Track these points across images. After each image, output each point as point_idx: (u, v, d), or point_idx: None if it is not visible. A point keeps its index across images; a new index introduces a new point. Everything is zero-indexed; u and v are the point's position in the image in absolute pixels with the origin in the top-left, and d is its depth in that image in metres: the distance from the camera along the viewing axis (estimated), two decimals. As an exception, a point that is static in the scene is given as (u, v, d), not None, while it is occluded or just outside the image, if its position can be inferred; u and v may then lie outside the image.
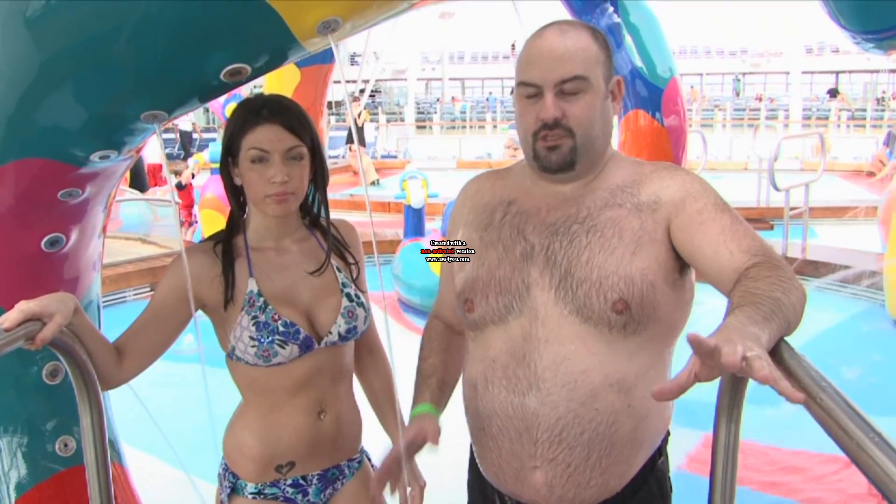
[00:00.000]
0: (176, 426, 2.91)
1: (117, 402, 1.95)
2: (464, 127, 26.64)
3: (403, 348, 1.70)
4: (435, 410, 1.44)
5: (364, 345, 1.68)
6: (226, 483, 1.57)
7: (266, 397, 1.52)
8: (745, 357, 0.90)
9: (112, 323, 1.82)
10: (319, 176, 1.55)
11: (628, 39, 4.37)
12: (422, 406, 1.44)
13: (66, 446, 1.79)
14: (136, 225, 8.05)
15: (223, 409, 1.64)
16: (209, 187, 7.03)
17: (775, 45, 31.23)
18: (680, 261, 1.31)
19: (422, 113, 30.04)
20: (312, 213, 1.61)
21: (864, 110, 25.43)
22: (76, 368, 1.33)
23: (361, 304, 1.57)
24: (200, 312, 1.52)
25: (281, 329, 1.46)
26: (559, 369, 1.28)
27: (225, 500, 1.57)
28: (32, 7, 1.31)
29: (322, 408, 1.55)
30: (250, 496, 1.54)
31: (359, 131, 13.73)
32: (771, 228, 8.58)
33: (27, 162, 1.52)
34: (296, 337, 1.47)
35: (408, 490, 1.47)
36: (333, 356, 1.54)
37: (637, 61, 4.37)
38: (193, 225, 8.48)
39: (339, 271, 1.57)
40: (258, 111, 1.46)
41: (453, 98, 33.69)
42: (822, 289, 6.05)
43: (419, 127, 26.84)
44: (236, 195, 1.54)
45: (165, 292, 1.48)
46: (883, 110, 25.74)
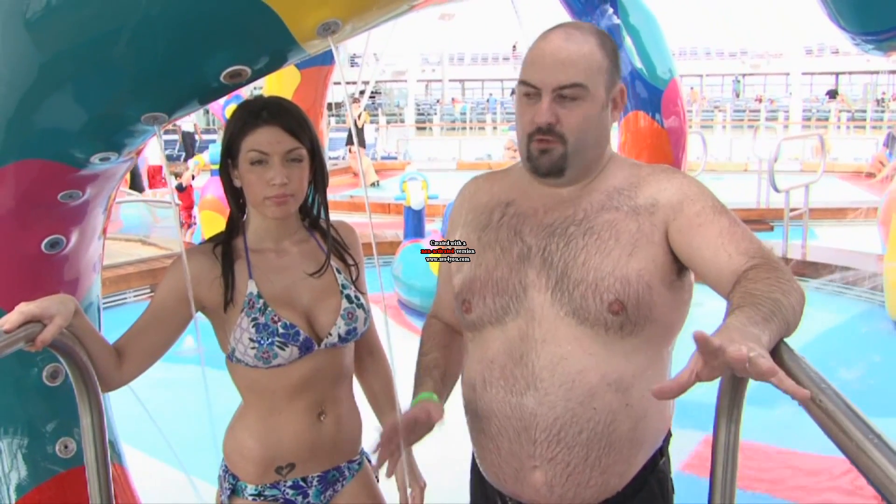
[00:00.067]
0: (176, 427, 2.92)
1: (117, 404, 1.95)
2: (464, 128, 26.62)
3: (403, 349, 1.69)
4: (437, 398, 1.39)
5: (364, 346, 1.68)
6: (226, 484, 1.57)
7: (266, 399, 1.52)
8: (748, 357, 0.91)
9: (112, 324, 1.82)
10: (319, 178, 1.55)
11: (628, 41, 4.37)
12: (424, 394, 1.40)
13: (67, 448, 1.79)
14: (137, 226, 8.06)
15: (223, 411, 1.64)
16: (209, 189, 7.03)
17: (775, 47, 31.26)
18: (678, 263, 1.31)
19: (422, 114, 30.03)
20: (312, 215, 1.61)
21: (864, 111, 25.44)
22: (76, 370, 1.33)
23: (361, 306, 1.57)
24: (200, 314, 1.52)
25: (281, 331, 1.46)
26: (556, 369, 1.28)
27: (225, 502, 1.57)
28: (32, 8, 1.31)
29: (322, 409, 1.55)
30: (250, 498, 1.54)
31: (359, 133, 13.74)
32: (771, 229, 8.58)
33: (27, 163, 1.52)
34: (296, 338, 1.47)
35: (408, 491, 1.47)
36: (333, 358, 1.54)
37: (637, 62, 4.37)
38: (192, 226, 8.49)
39: (339, 273, 1.57)
40: (258, 113, 1.46)
41: (453, 99, 33.68)
42: (822, 290, 6.05)
43: (419, 128, 26.84)
44: (236, 197, 1.54)
45: (165, 294, 1.48)
46: (883, 111, 25.74)
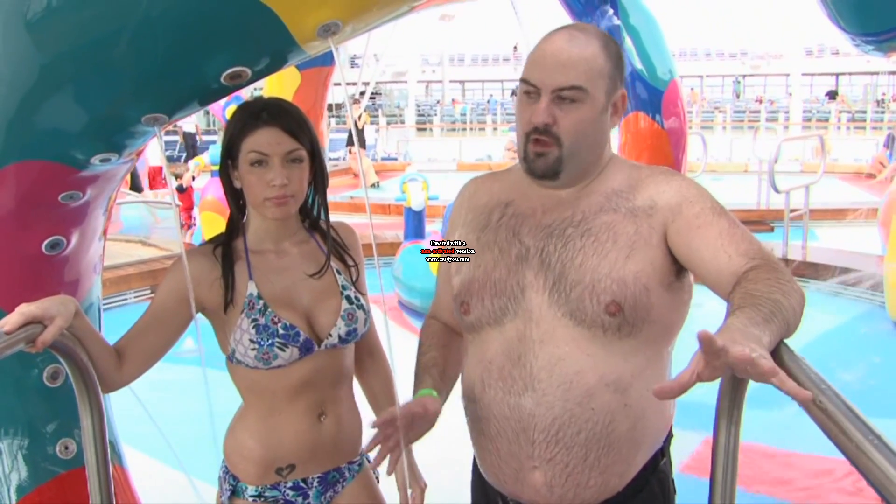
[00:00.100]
0: (176, 428, 2.92)
1: (118, 405, 1.95)
2: (464, 129, 26.64)
3: (404, 350, 1.69)
4: (436, 395, 1.39)
5: (364, 347, 1.68)
6: (226, 485, 1.57)
7: (266, 400, 1.52)
8: (751, 357, 0.91)
9: (113, 325, 1.82)
10: (319, 179, 1.55)
11: (628, 42, 4.37)
12: (423, 391, 1.39)
13: (67, 449, 1.79)
14: (137, 227, 8.06)
15: (223, 412, 1.64)
16: (209, 189, 7.04)
17: (775, 47, 31.27)
18: (676, 264, 1.31)
19: (422, 115, 30.05)
20: (312, 216, 1.61)
21: (864, 112, 25.45)
22: (77, 371, 1.33)
23: (361, 307, 1.57)
24: (200, 315, 1.52)
25: (281, 332, 1.46)
26: (554, 370, 1.28)
27: (225, 503, 1.57)
28: (33, 9, 1.32)
29: (322, 410, 1.55)
30: (250, 499, 1.54)
31: (359, 133, 13.74)
32: (771, 230, 8.58)
33: (28, 164, 1.52)
34: (296, 339, 1.47)
35: (409, 492, 1.47)
36: (333, 358, 1.54)
37: (637, 63, 4.37)
38: (192, 227, 8.49)
39: (339, 274, 1.57)
40: (257, 114, 1.46)
41: (453, 100, 33.72)
42: (823, 291, 6.05)
43: (419, 129, 26.85)
44: (236, 198, 1.54)
45: (165, 295, 1.48)
46: (883, 112, 25.76)
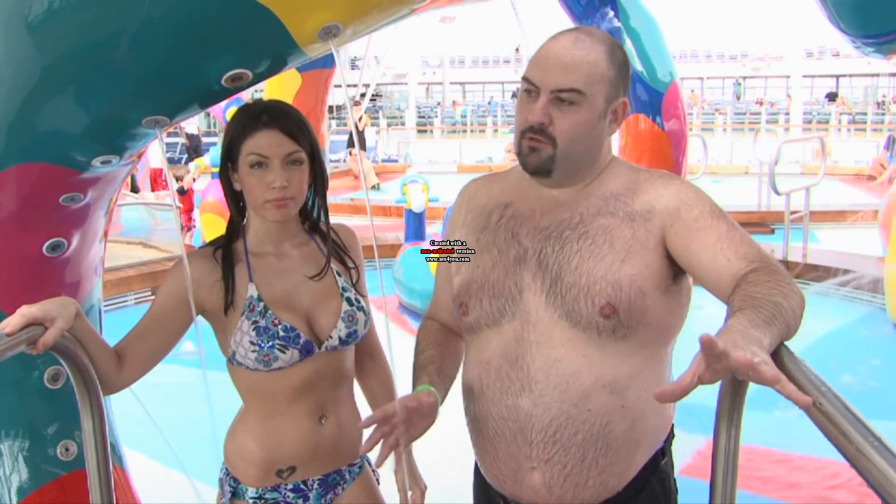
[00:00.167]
0: (177, 430, 2.92)
1: (118, 406, 1.95)
2: (464, 131, 26.64)
3: (404, 352, 1.69)
4: (434, 390, 1.37)
5: (365, 349, 1.68)
6: (227, 488, 1.57)
7: (267, 402, 1.52)
8: (753, 362, 0.92)
9: (113, 327, 1.83)
10: (319, 181, 1.55)
11: (629, 44, 4.37)
12: (420, 387, 1.39)
13: (68, 450, 1.79)
14: (138, 229, 8.06)
15: (224, 414, 1.64)
16: (210, 191, 7.04)
17: (776, 49, 31.28)
18: (674, 268, 1.31)
19: (423, 117, 30.07)
20: (312, 218, 1.61)
21: (865, 114, 25.47)
22: (77, 373, 1.33)
23: (361, 308, 1.57)
24: (200, 317, 1.52)
25: (281, 334, 1.46)
26: (551, 371, 1.29)
27: (225, 505, 1.57)
28: (34, 11, 1.32)
29: (323, 412, 1.55)
30: (251, 501, 1.54)
31: (360, 135, 13.73)
32: (772, 232, 8.58)
33: (29, 166, 1.52)
34: (296, 341, 1.47)
35: (409, 493, 1.47)
36: (334, 360, 1.55)
37: (637, 65, 4.38)
38: (192, 229, 8.49)
39: (339, 275, 1.57)
40: (257, 117, 1.46)
41: (454, 102, 33.74)
42: (823, 293, 6.05)
43: (420, 131, 26.85)
44: (236, 200, 1.54)
45: (165, 297, 1.48)
46: (883, 114, 25.78)
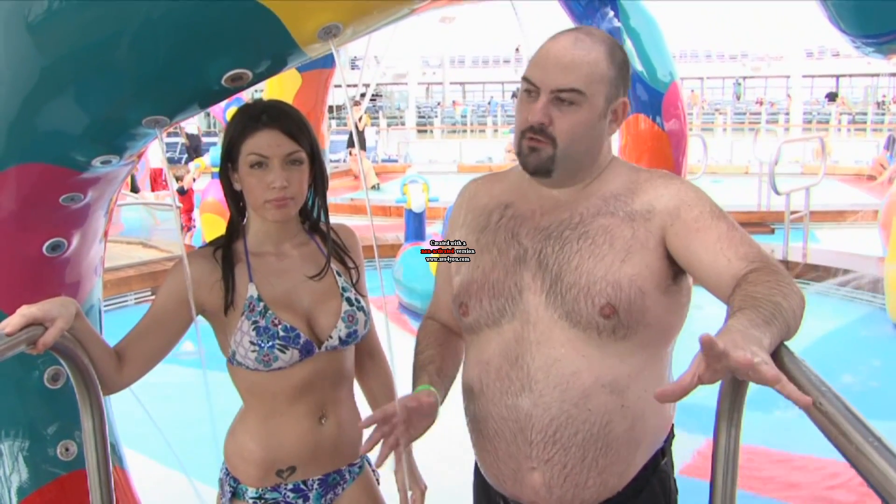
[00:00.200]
0: (177, 430, 2.92)
1: (118, 406, 1.95)
2: (464, 131, 26.64)
3: (404, 352, 1.69)
4: (434, 390, 1.37)
5: (365, 349, 1.68)
6: (227, 488, 1.57)
7: (267, 402, 1.52)
8: (753, 363, 0.92)
9: (113, 327, 1.83)
10: (319, 181, 1.55)
11: (629, 44, 4.38)
12: (420, 387, 1.39)
13: (68, 450, 1.79)
14: (138, 229, 8.07)
15: (224, 414, 1.64)
16: (210, 191, 7.04)
17: (776, 49, 31.27)
18: (673, 268, 1.31)
19: (423, 117, 30.06)
20: (312, 218, 1.61)
21: (865, 114, 25.48)
22: (77, 373, 1.33)
23: (361, 308, 1.57)
24: (200, 317, 1.52)
25: (281, 334, 1.46)
26: (550, 371, 1.29)
27: (226, 505, 1.57)
28: (34, 12, 1.32)
29: (323, 412, 1.55)
30: (251, 501, 1.54)
31: (360, 135, 13.73)
32: (772, 232, 8.58)
33: (29, 167, 1.52)
34: (296, 341, 1.47)
35: (409, 494, 1.47)
36: (334, 360, 1.55)
37: (637, 65, 4.38)
38: (192, 229, 8.49)
39: (339, 275, 1.57)
40: (257, 117, 1.46)
41: (454, 102, 33.74)
42: (823, 293, 6.05)
43: (420, 131, 26.84)
44: (236, 200, 1.54)
45: (165, 297, 1.48)
46: (883, 114, 25.78)
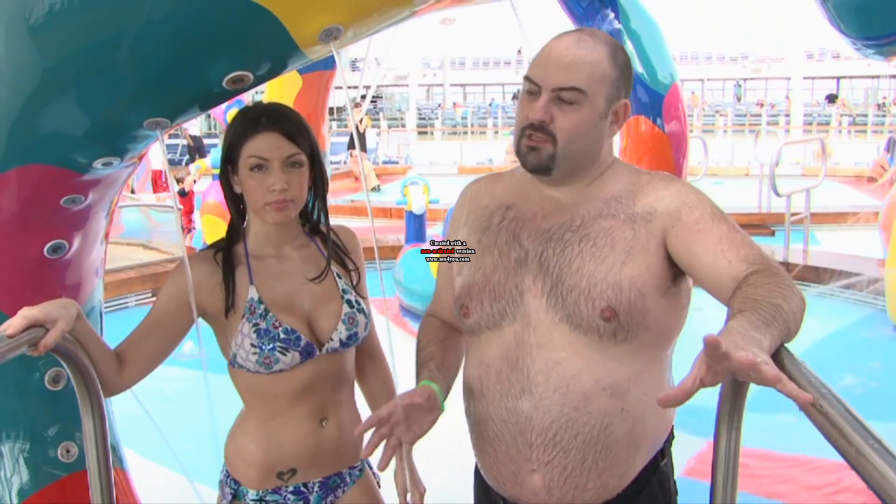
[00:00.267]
0: (178, 432, 2.92)
1: (119, 408, 1.95)
2: (465, 133, 26.64)
3: (405, 354, 1.69)
4: (433, 384, 1.37)
5: (365, 351, 1.68)
6: (227, 490, 1.57)
7: (268, 404, 1.52)
8: (755, 362, 0.92)
9: (114, 329, 1.83)
10: (319, 183, 1.55)
11: (629, 45, 4.39)
12: (421, 383, 1.38)
13: (69, 452, 1.79)
14: (138, 230, 8.07)
15: (225, 415, 1.64)
16: (210, 193, 7.03)
17: (776, 51, 31.27)
18: (673, 269, 1.31)
19: (423, 119, 30.03)
20: (312, 220, 1.61)
21: (866, 116, 25.46)
22: (78, 374, 1.33)
23: (362, 311, 1.57)
24: (201, 319, 1.52)
25: (282, 336, 1.46)
26: (551, 374, 1.29)
27: (226, 507, 1.57)
28: (35, 14, 1.32)
29: (324, 415, 1.55)
30: (251, 503, 1.54)
31: (360, 137, 13.74)
32: (772, 234, 8.58)
33: (30, 168, 1.53)
34: (297, 344, 1.47)
35: (408, 496, 1.47)
36: (335, 363, 1.55)
37: (638, 67, 4.38)
38: (192, 231, 8.50)
39: (340, 278, 1.57)
40: (257, 119, 1.46)
41: (455, 104, 33.70)
42: (824, 295, 6.05)
43: (420, 133, 26.84)
44: (236, 203, 1.54)
45: (166, 300, 1.48)
46: (884, 116, 25.75)
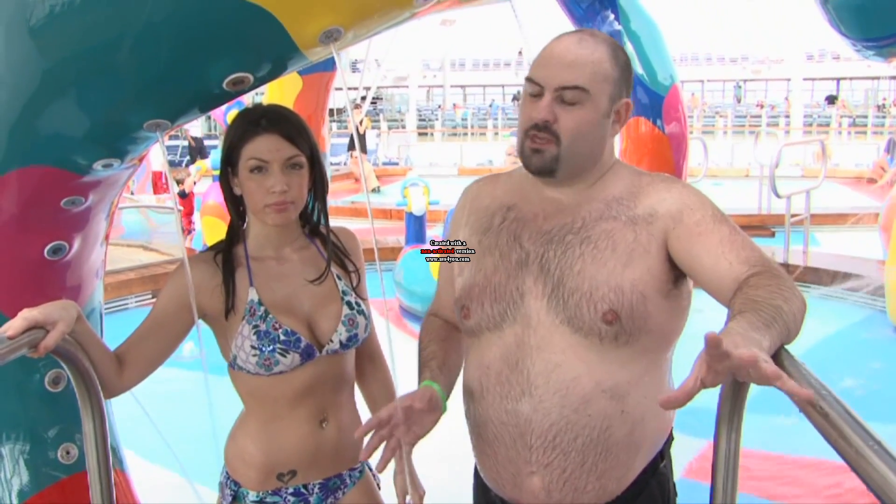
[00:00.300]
0: (178, 433, 2.92)
1: (119, 409, 1.95)
2: (465, 134, 26.63)
3: (405, 355, 1.70)
4: (434, 384, 1.38)
5: (365, 352, 1.68)
6: (227, 491, 1.57)
7: (268, 406, 1.52)
8: (756, 359, 0.92)
9: (114, 330, 1.83)
10: (318, 185, 1.56)
11: (629, 47, 4.39)
12: (423, 383, 1.39)
13: (69, 453, 1.79)
14: (138, 232, 8.07)
15: (225, 417, 1.64)
16: (211, 194, 7.04)
17: (776, 52, 31.28)
18: (674, 272, 1.31)
19: (423, 120, 30.03)
20: (312, 222, 1.61)
21: (865, 117, 25.46)
22: (78, 376, 1.33)
23: (362, 312, 1.57)
24: (202, 321, 1.52)
25: (282, 338, 1.46)
26: (551, 376, 1.28)
27: (226, 508, 1.57)
28: (36, 15, 1.32)
29: (324, 416, 1.55)
30: (251, 504, 1.54)
31: (360, 138, 13.75)
32: (772, 235, 8.58)
33: (30, 170, 1.53)
34: (297, 345, 1.47)
35: (407, 498, 1.47)
36: (335, 364, 1.55)
37: (638, 68, 4.38)
38: (192, 232, 8.50)
39: (339, 279, 1.57)
40: (257, 121, 1.46)
41: (455, 105, 33.71)
42: (824, 296, 6.04)
43: (421, 134, 26.83)
44: (236, 205, 1.54)
45: (167, 301, 1.48)
46: (884, 117, 25.76)
